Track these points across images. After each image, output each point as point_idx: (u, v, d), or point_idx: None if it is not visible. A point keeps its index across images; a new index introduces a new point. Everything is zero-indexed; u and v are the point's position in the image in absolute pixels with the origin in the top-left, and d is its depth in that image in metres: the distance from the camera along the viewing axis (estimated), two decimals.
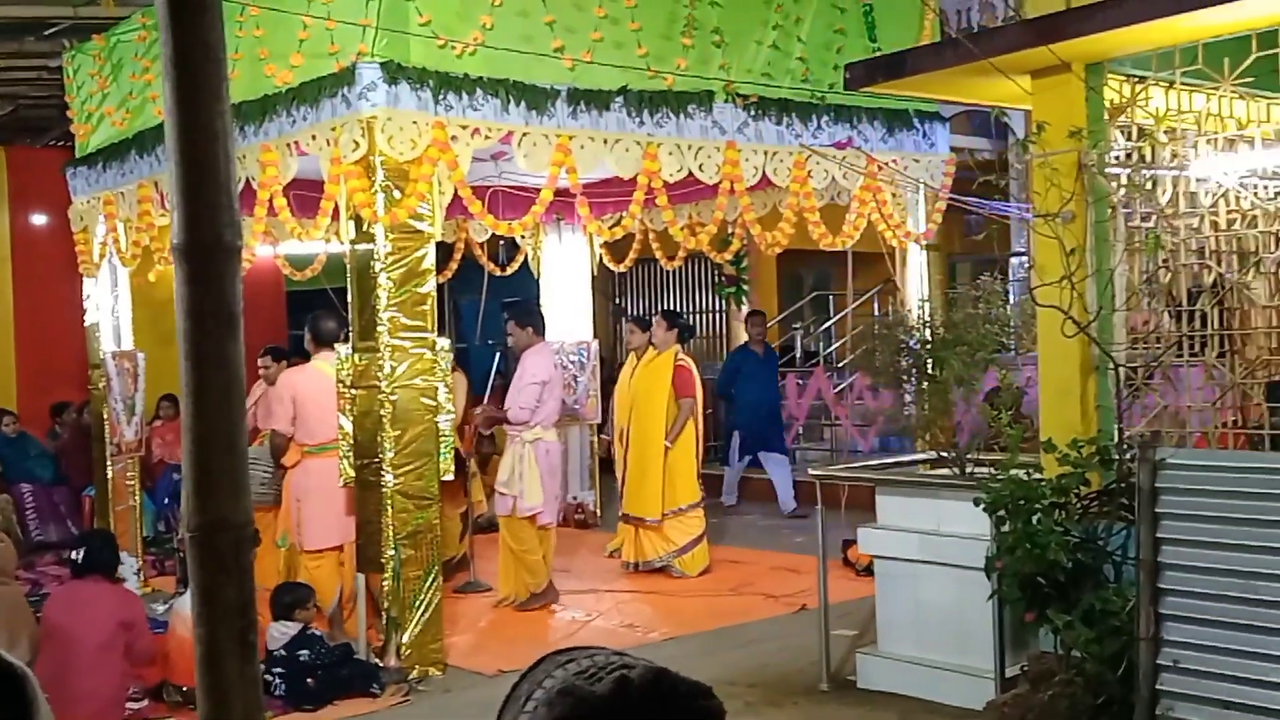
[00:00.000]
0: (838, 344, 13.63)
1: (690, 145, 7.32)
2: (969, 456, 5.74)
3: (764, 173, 7.67)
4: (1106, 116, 5.20)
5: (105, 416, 8.96)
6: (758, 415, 10.74)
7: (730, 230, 9.61)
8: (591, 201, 7.61)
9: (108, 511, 8.99)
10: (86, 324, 9.26)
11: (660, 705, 1.10)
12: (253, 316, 8.91)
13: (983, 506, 4.87)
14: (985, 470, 5.48)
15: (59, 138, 11.99)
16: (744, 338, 12.43)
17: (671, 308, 14.50)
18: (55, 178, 9.60)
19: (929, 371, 5.75)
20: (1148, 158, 5.21)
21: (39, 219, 12.31)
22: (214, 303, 1.68)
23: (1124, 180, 5.15)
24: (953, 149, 8.85)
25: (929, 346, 5.76)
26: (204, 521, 1.69)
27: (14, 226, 12.34)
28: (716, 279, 12.68)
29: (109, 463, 8.99)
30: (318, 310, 7.51)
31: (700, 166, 7.38)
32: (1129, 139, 5.26)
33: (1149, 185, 5.17)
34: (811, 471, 6.26)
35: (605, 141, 6.99)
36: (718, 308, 13.97)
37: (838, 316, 13.85)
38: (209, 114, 1.69)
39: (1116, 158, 5.17)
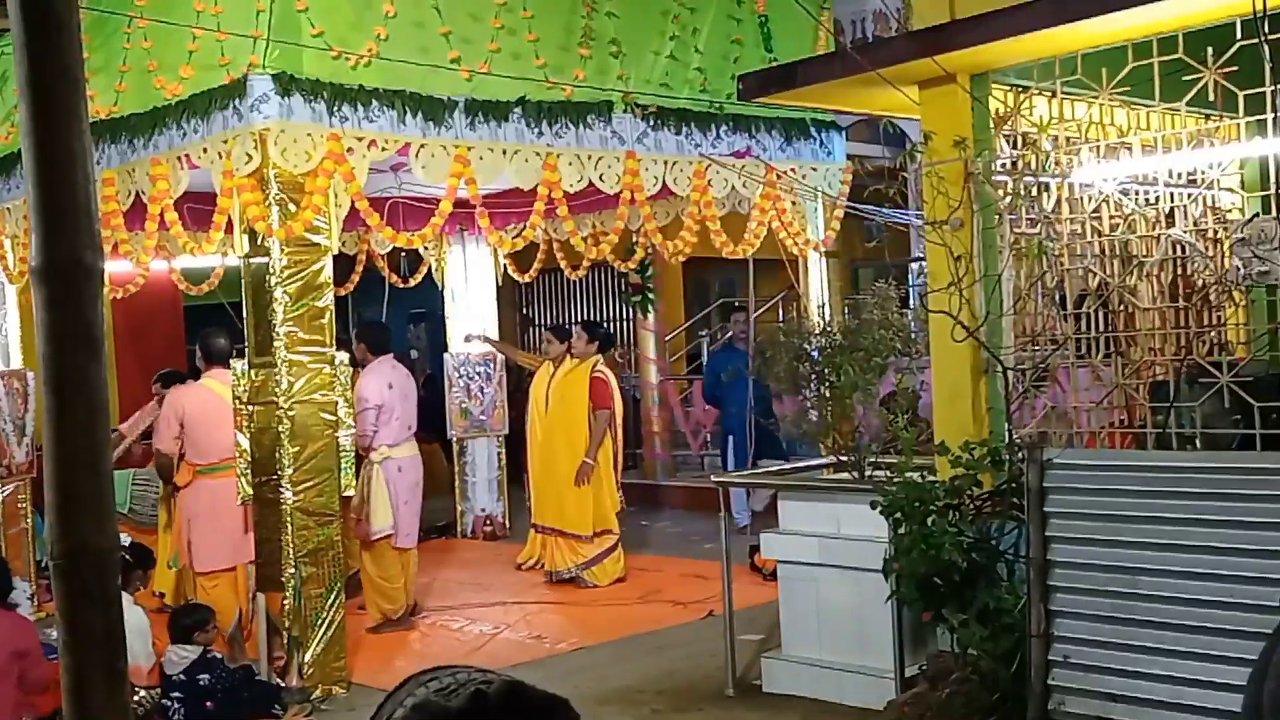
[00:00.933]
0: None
1: (590, 155, 7.34)
2: (868, 460, 5.83)
3: (664, 182, 7.73)
4: (992, 125, 5.33)
5: None
6: (754, 417, 9.54)
7: (634, 239, 9.65)
8: (493, 212, 7.61)
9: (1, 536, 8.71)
10: None
11: (515, 718, 1.11)
12: (150, 332, 8.84)
13: (879, 509, 4.96)
14: (883, 473, 5.58)
15: None
16: (651, 348, 12.49)
17: (583, 318, 14.52)
18: None
19: (827, 377, 5.83)
20: (1032, 165, 5.35)
21: None
22: (74, 325, 1.65)
23: (1009, 188, 5.28)
24: (850, 157, 8.99)
25: (827, 352, 5.84)
26: (67, 548, 1.66)
27: None
28: (623, 288, 12.72)
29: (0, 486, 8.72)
30: (208, 328, 7.39)
31: (601, 176, 7.40)
32: (1014, 147, 5.39)
33: (1034, 192, 5.31)
34: (714, 478, 6.31)
35: (504, 152, 6.97)
36: (626, 316, 14.02)
37: (742, 324, 13.95)
38: (67, 134, 1.66)
39: (1002, 165, 5.30)
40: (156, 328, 12.85)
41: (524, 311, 15.72)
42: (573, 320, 14.81)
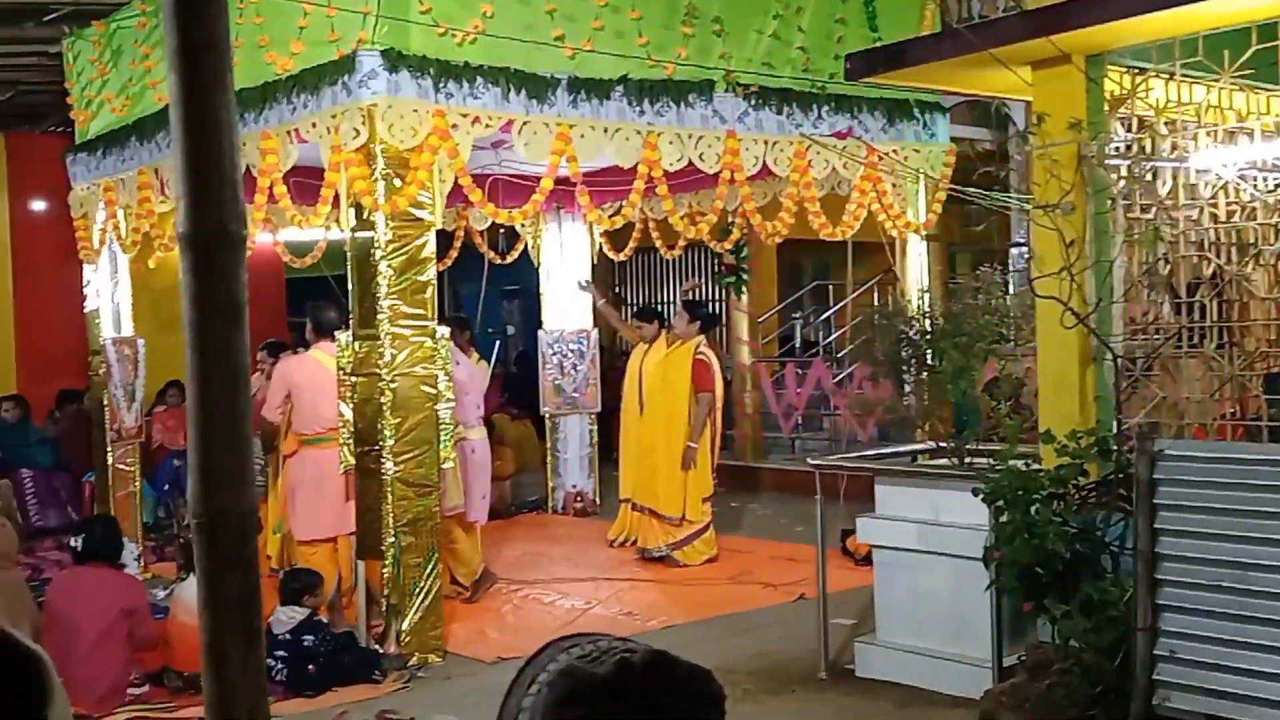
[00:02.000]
0: (837, 334, 13.64)
1: (690, 134, 7.33)
2: (967, 447, 5.76)
3: (764, 162, 7.68)
4: (1106, 108, 5.20)
5: (105, 403, 8.99)
6: None
7: (730, 219, 9.62)
8: (591, 190, 7.62)
9: (108, 497, 9.01)
10: (86, 310, 9.26)
11: (660, 687, 1.12)
12: (253, 304, 8.90)
13: (981, 497, 4.89)
14: (984, 461, 5.50)
15: (58, 124, 11.95)
16: (744, 329, 12.46)
17: (675, 298, 14.53)
18: (55, 164, 9.59)
19: (928, 362, 5.76)
20: (1147, 149, 5.22)
21: (38, 205, 12.31)
22: (218, 293, 1.69)
23: (1124, 172, 5.16)
24: (953, 139, 8.85)
25: (928, 337, 5.77)
26: (208, 511, 1.70)
27: (13, 213, 12.34)
28: (717, 268, 12.68)
29: (109, 449, 9.01)
30: (317, 299, 7.53)
31: (700, 156, 7.38)
32: (1129, 130, 5.26)
33: (1149, 177, 5.17)
34: (811, 461, 6.28)
35: (605, 130, 6.99)
36: (718, 297, 13.98)
37: (837, 306, 13.86)
38: (214, 104, 1.69)
39: (1116, 149, 5.18)
40: (259, 299, 12.99)
41: (616, 290, 15.76)
42: (665, 300, 14.86)
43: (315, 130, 6.49)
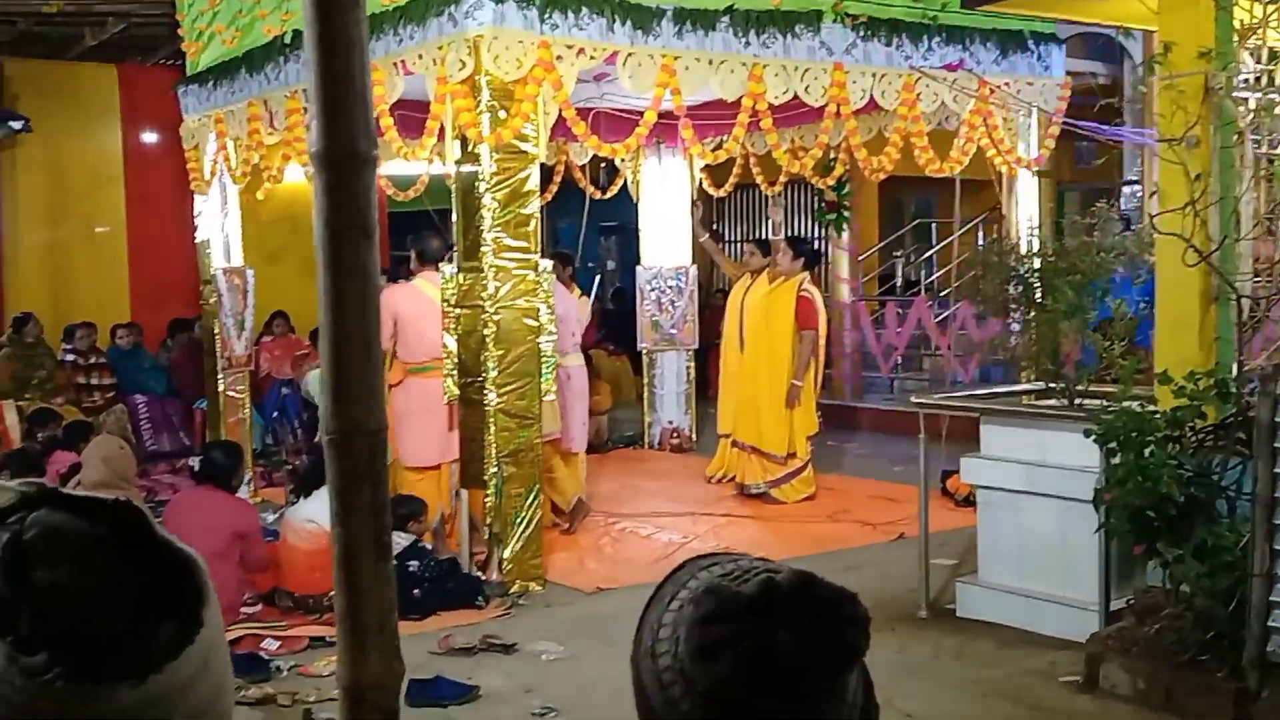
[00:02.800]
0: (939, 273, 13.42)
1: (797, 67, 7.20)
2: (1078, 388, 5.63)
3: (871, 95, 7.52)
4: (1236, 38, 4.98)
5: (216, 332, 9.21)
6: None
7: (833, 155, 9.47)
8: (694, 124, 7.54)
9: (219, 424, 9.27)
10: (198, 241, 9.46)
11: (807, 608, 1.10)
12: None
13: (1094, 438, 4.79)
14: (1095, 402, 5.38)
15: (169, 56, 12.18)
16: (844, 267, 12.31)
17: (773, 235, 14.40)
18: (166, 96, 9.78)
19: (1039, 300, 5.63)
20: (1278, 81, 5.00)
21: (150, 137, 12.58)
22: (350, 212, 1.70)
23: (1251, 105, 4.95)
24: (1067, 73, 8.58)
25: (1040, 274, 5.63)
26: (340, 427, 1.73)
27: (126, 144, 12.63)
28: (817, 205, 12.52)
29: (220, 376, 9.24)
30: (419, 233, 7.60)
31: (806, 88, 7.26)
32: (1258, 61, 5.04)
33: (1278, 110, 4.96)
34: (915, 399, 6.20)
35: (710, 62, 6.90)
36: (818, 234, 13.83)
37: (941, 244, 13.62)
38: (346, 22, 1.69)
39: (1244, 81, 4.97)
40: None
41: (715, 227, 15.67)
42: (762, 238, 14.72)
43: (421, 62, 6.51)
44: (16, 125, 11.35)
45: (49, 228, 12.37)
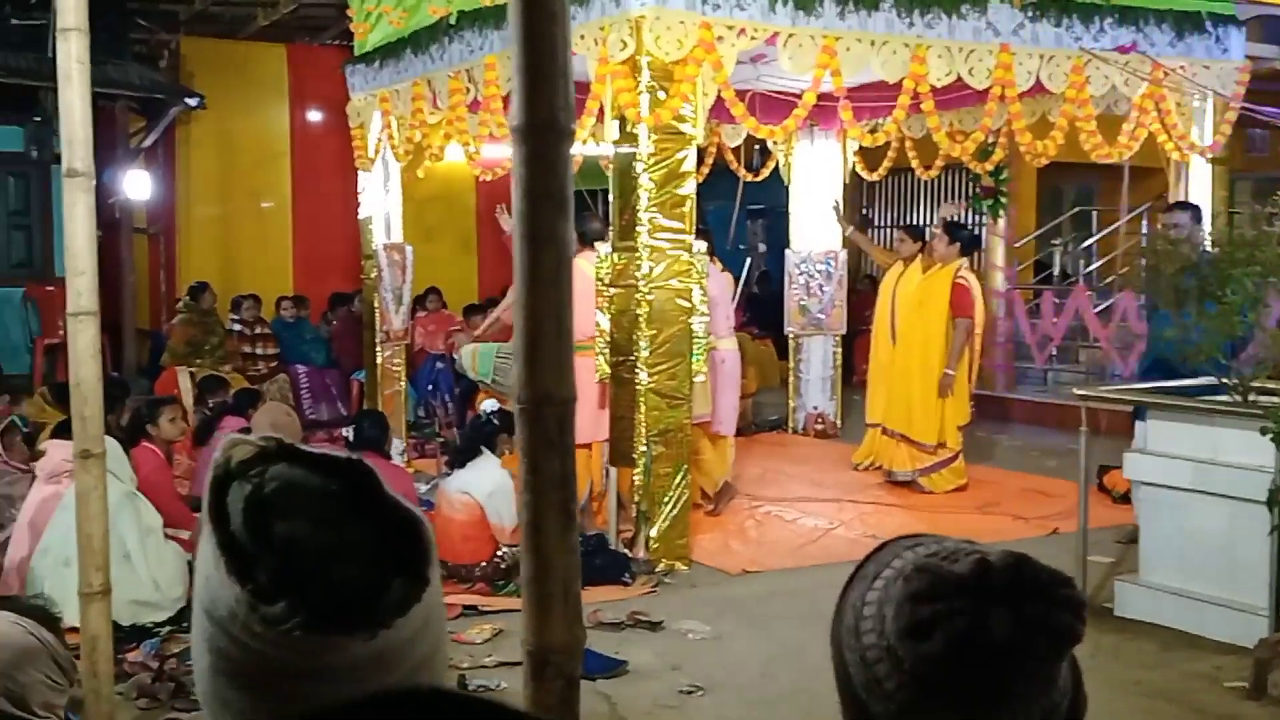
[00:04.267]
0: (1100, 262, 13.01)
1: (961, 48, 7.05)
2: (1253, 384, 5.39)
3: (1038, 78, 7.32)
4: None
5: (376, 305, 9.48)
6: None
7: (993, 140, 9.24)
8: (852, 106, 7.45)
9: (376, 395, 9.55)
10: (360, 217, 9.74)
11: (1021, 590, 1.09)
12: None
13: (1270, 436, 4.59)
14: (1270, 399, 5.15)
15: (337, 36, 12.56)
16: (999, 255, 12.02)
17: (926, 220, 14.17)
18: (332, 75, 10.08)
19: (1215, 292, 5.40)
20: None
21: (315, 115, 12.99)
22: (547, 182, 1.73)
23: None
24: (1246, 56, 8.20)
25: (1218, 265, 5.40)
26: (532, 395, 1.76)
27: (293, 122, 13.08)
28: (973, 191, 12.23)
29: (378, 349, 9.52)
30: (579, 210, 7.68)
31: (970, 71, 7.10)
32: None
33: None
34: (1079, 391, 6.02)
35: (873, 43, 6.80)
36: (973, 221, 13.52)
37: (1103, 233, 13.19)
38: None
39: None
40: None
41: (865, 211, 15.47)
42: (914, 223, 14.47)
43: (583, 42, 6.57)
44: (192, 102, 11.84)
45: (219, 202, 12.90)
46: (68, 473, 5.56)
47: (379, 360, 9.54)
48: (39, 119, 11.61)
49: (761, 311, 12.91)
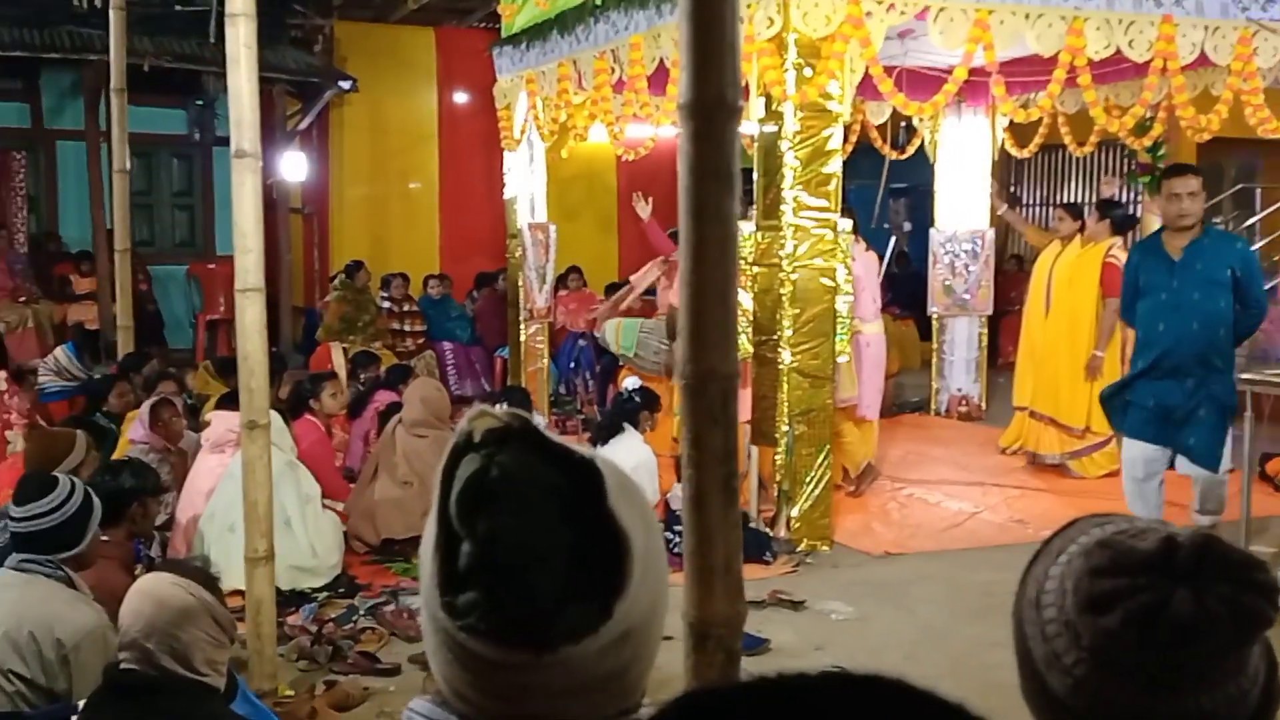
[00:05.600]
0: (1263, 242, 12.44)
1: (1120, 19, 6.80)
2: None
3: (1202, 50, 7.02)
4: None
5: (520, 284, 9.63)
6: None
7: (1151, 114, 8.91)
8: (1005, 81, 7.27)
9: (519, 372, 9.71)
10: (506, 196, 9.89)
11: (1209, 569, 1.06)
12: (649, 194, 9.23)
13: None
14: None
15: (484, 19, 12.76)
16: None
17: (1077, 198, 13.76)
18: (479, 57, 10.24)
19: None
20: None
21: (462, 97, 13.23)
22: (714, 159, 1.75)
23: None
24: None
25: None
26: (696, 371, 1.79)
27: (441, 103, 13.34)
28: (1129, 167, 11.81)
29: (521, 327, 9.68)
30: None
31: (1130, 43, 6.85)
32: None
33: None
34: (1244, 376, 5.80)
35: (1027, 16, 6.61)
36: (1128, 198, 13.06)
37: (1266, 211, 12.62)
38: None
39: None
40: (655, 190, 13.56)
41: (1012, 190, 15.07)
42: (1064, 201, 14.05)
43: None
44: (345, 86, 12.17)
45: (369, 183, 13.25)
46: (231, 442, 5.82)
47: (522, 338, 9.70)
48: (201, 103, 12.08)
49: (901, 291, 12.72)
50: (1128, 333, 8.15)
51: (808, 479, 6.44)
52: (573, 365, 10.59)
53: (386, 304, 11.60)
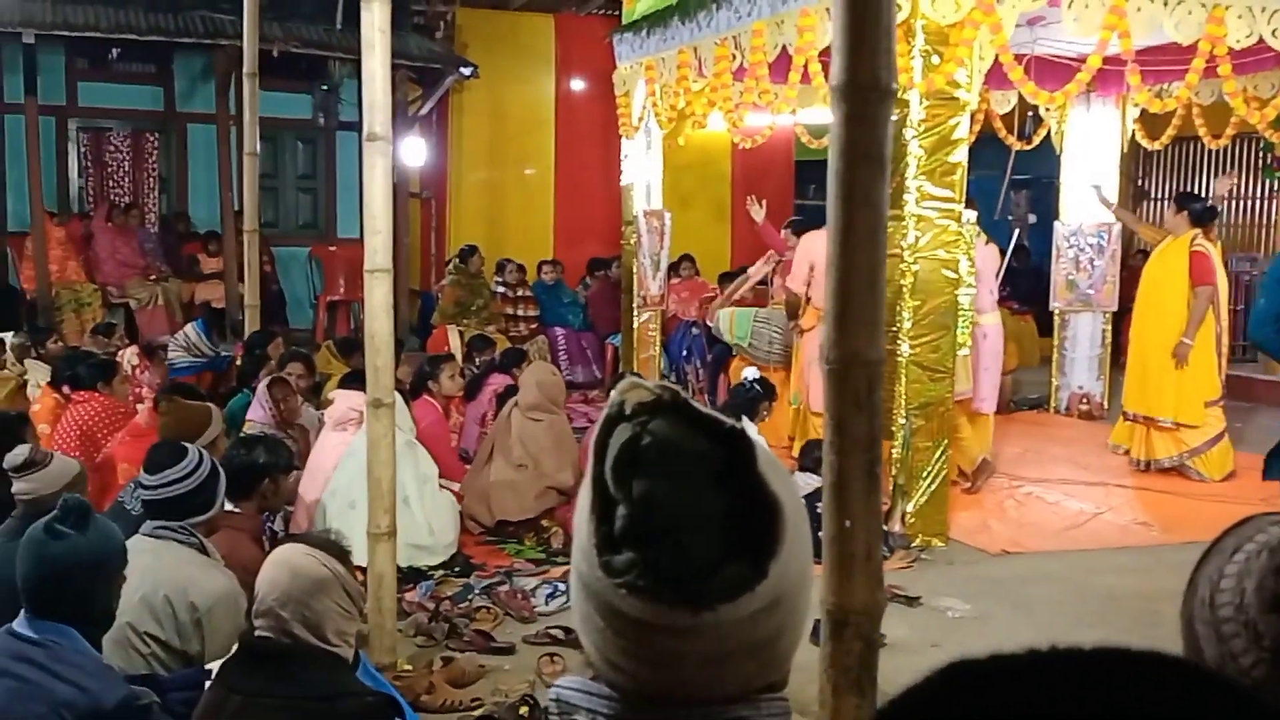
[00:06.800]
0: None
1: (1264, 8, 6.56)
2: None
3: None
4: None
5: (634, 270, 9.65)
6: None
7: None
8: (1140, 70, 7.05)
9: (631, 358, 9.74)
10: (622, 183, 9.91)
11: None
12: (763, 183, 9.30)
13: None
14: None
15: (602, 6, 12.81)
16: None
17: (1208, 192, 13.32)
18: (597, 44, 10.27)
19: None
20: None
21: (579, 84, 13.29)
22: (866, 142, 1.72)
23: None
24: None
25: None
26: (840, 356, 1.76)
27: (559, 90, 13.42)
28: (1265, 161, 11.42)
29: (635, 314, 9.70)
30: (823, 181, 7.60)
31: (1274, 32, 6.60)
32: None
33: None
34: None
35: (1165, 3, 6.41)
36: (1260, 193, 12.62)
37: None
38: None
39: None
40: (769, 178, 13.51)
41: (1139, 183, 14.65)
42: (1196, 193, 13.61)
43: None
44: (466, 72, 12.32)
45: (487, 168, 13.40)
46: (353, 420, 5.94)
47: (635, 325, 9.72)
48: (326, 88, 12.34)
49: (1020, 286, 12.45)
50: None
51: (924, 474, 6.34)
52: (684, 353, 10.58)
53: (500, 289, 11.73)
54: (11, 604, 2.75)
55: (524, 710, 4.04)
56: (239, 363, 8.30)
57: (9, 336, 8.42)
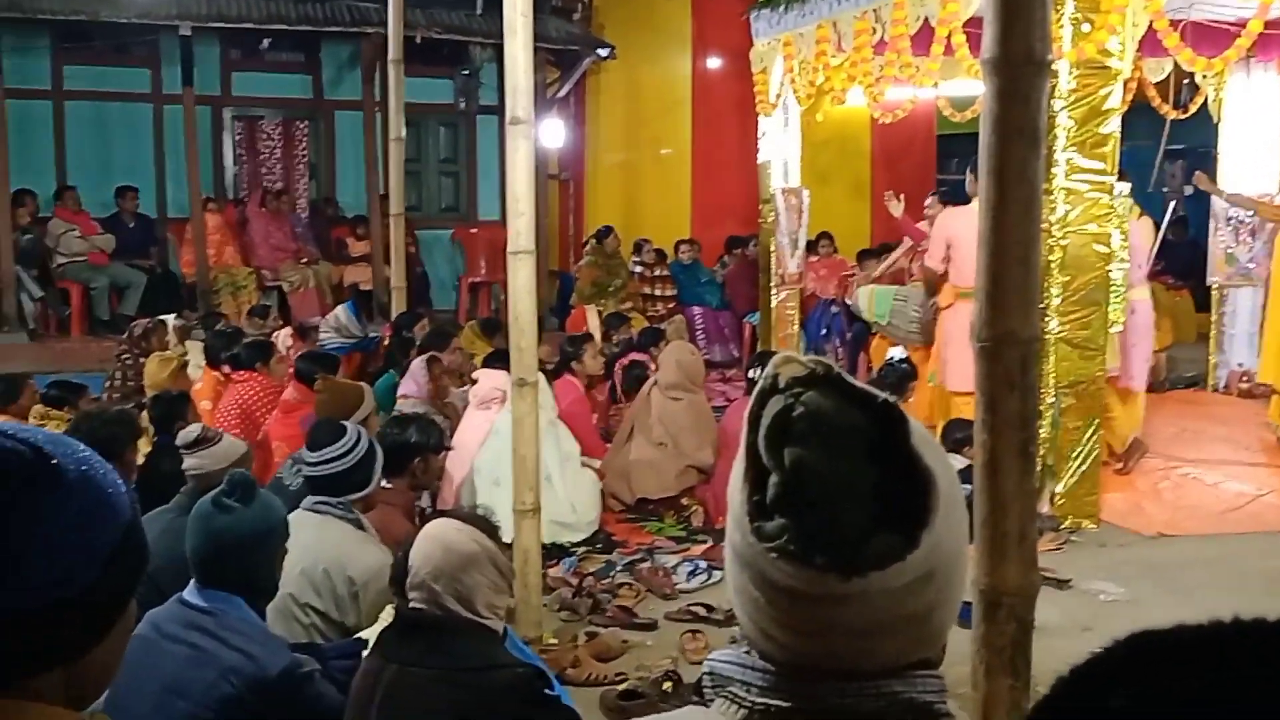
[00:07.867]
0: None
1: None
2: None
3: None
4: None
5: (771, 249, 9.59)
6: None
7: None
8: None
9: (769, 338, 9.69)
10: (759, 161, 9.84)
11: None
12: (903, 158, 9.16)
13: None
14: None
15: None
16: None
17: None
18: (733, 22, 10.20)
19: None
20: None
21: (715, 62, 13.25)
22: (1019, 117, 1.68)
23: None
24: None
25: None
26: (993, 334, 1.74)
27: (695, 70, 13.40)
28: None
29: (773, 293, 9.64)
30: (965, 155, 7.43)
31: None
32: None
33: None
34: None
35: None
36: None
37: None
38: None
39: None
40: (910, 154, 13.29)
41: None
42: None
43: None
44: (603, 53, 12.38)
45: (623, 149, 13.47)
46: (497, 399, 6.06)
47: (773, 304, 9.66)
48: (467, 72, 12.54)
49: (1176, 260, 11.99)
50: None
51: (1074, 454, 6.19)
52: (823, 332, 10.49)
53: (638, 268, 11.79)
54: (183, 577, 2.89)
55: (667, 685, 4.08)
56: (386, 343, 8.53)
57: (171, 319, 8.80)
